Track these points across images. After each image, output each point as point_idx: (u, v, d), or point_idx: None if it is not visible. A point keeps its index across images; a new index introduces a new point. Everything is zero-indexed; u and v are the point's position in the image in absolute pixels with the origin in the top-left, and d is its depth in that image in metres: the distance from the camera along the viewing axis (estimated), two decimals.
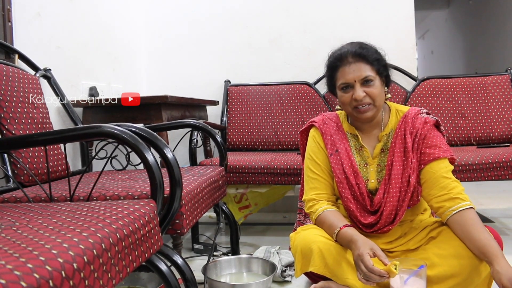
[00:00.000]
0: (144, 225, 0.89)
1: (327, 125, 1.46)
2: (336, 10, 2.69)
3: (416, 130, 1.34)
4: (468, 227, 1.21)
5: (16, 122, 1.45)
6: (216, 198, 1.59)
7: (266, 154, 2.28)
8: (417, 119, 1.36)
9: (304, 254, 1.32)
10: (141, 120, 2.00)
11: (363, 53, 1.33)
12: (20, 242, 0.65)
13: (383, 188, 1.34)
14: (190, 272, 1.19)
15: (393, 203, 1.32)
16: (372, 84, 1.32)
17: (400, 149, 1.34)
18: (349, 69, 1.33)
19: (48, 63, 1.86)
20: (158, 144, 1.06)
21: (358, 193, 1.36)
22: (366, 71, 1.32)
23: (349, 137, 1.44)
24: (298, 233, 1.39)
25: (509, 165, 1.81)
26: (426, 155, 1.31)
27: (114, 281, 0.74)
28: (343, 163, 1.38)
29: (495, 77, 2.45)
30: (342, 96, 1.36)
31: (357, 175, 1.37)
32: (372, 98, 1.32)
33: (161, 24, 2.85)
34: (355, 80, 1.31)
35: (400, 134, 1.36)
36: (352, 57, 1.33)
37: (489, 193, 3.26)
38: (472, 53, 6.47)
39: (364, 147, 1.41)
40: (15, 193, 1.25)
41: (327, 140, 1.43)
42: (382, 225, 1.33)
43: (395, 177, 1.33)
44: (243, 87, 2.66)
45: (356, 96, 1.31)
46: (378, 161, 1.39)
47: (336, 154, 1.40)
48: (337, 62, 1.36)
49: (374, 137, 1.42)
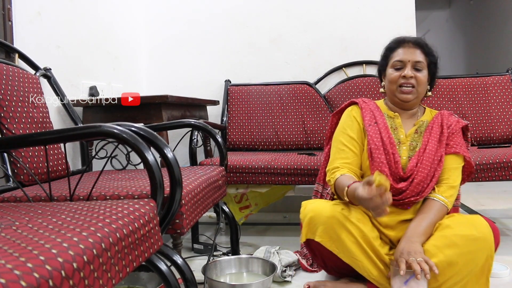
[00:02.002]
0: (144, 224, 0.89)
1: (366, 103, 1.57)
2: (336, 9, 2.69)
3: (450, 124, 1.49)
4: (421, 211, 1.39)
5: (16, 122, 1.45)
6: (216, 198, 1.59)
7: (266, 154, 2.28)
8: (452, 117, 1.52)
9: (312, 221, 1.39)
10: (141, 120, 2.00)
11: (423, 43, 1.50)
12: (20, 241, 0.65)
13: (417, 159, 1.43)
14: (190, 272, 1.19)
15: (424, 173, 1.40)
16: (421, 72, 1.46)
17: (436, 133, 1.47)
18: (407, 50, 1.48)
19: (48, 63, 1.86)
20: (158, 143, 1.06)
21: (393, 161, 1.43)
22: (420, 57, 1.47)
23: (386, 118, 1.53)
24: (310, 203, 1.46)
25: (510, 165, 1.81)
26: (449, 146, 1.46)
27: (114, 281, 0.73)
28: (382, 133, 1.47)
29: (496, 78, 2.45)
30: (391, 74, 1.49)
31: (393, 146, 1.46)
32: (418, 82, 1.45)
33: (162, 24, 2.85)
34: (409, 60, 1.46)
35: (437, 122, 1.50)
36: (413, 43, 1.50)
37: (490, 194, 3.25)
38: (473, 54, 6.47)
39: (400, 127, 1.50)
40: (15, 193, 1.25)
41: (366, 113, 1.53)
42: (410, 193, 1.39)
43: (429, 152, 1.43)
44: (243, 87, 2.66)
45: (406, 73, 1.44)
46: (411, 140, 1.48)
47: (375, 125, 1.49)
48: (397, 44, 1.53)
49: (409, 122, 1.53)
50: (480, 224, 1.29)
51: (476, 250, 1.25)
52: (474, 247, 1.25)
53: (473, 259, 1.25)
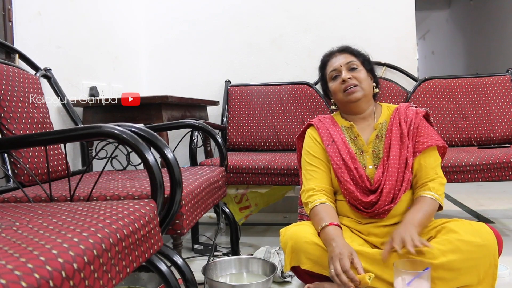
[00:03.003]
0: (144, 225, 0.89)
1: (322, 122, 1.57)
2: (336, 10, 2.69)
3: (410, 119, 1.46)
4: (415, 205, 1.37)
5: (16, 122, 1.45)
6: (216, 199, 1.59)
7: (266, 154, 2.28)
8: (409, 110, 1.49)
9: (294, 249, 1.36)
10: (142, 120, 2.00)
11: (347, 48, 1.56)
12: (20, 242, 0.65)
13: (382, 168, 1.42)
14: (190, 273, 1.19)
15: (392, 181, 1.39)
16: (357, 70, 1.49)
17: (397, 134, 1.45)
18: (336, 58, 1.53)
19: (49, 63, 1.86)
20: (159, 144, 1.06)
21: (357, 176, 1.42)
22: (350, 58, 1.51)
23: (343, 130, 1.53)
24: (288, 229, 1.43)
25: (510, 165, 1.81)
26: (420, 143, 1.43)
27: (114, 281, 0.73)
28: (340, 150, 1.46)
29: (496, 78, 2.45)
30: (332, 85, 1.52)
31: (355, 160, 1.45)
32: (358, 80, 1.47)
33: (162, 24, 2.85)
34: (341, 65, 1.49)
35: (395, 122, 1.47)
36: (338, 51, 1.56)
37: (490, 194, 3.25)
38: (473, 54, 6.47)
39: (359, 136, 1.49)
40: (15, 193, 1.25)
41: (323, 133, 1.52)
42: (382, 203, 1.38)
43: (393, 158, 1.41)
44: (243, 87, 2.66)
45: (344, 76, 1.47)
46: (373, 147, 1.47)
47: (333, 144, 1.49)
48: (326, 58, 1.58)
49: (368, 127, 1.52)
50: (485, 232, 1.26)
51: (479, 257, 1.23)
52: (478, 254, 1.22)
53: (475, 266, 1.22)
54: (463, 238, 1.24)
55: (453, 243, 1.24)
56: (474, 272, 1.23)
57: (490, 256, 1.24)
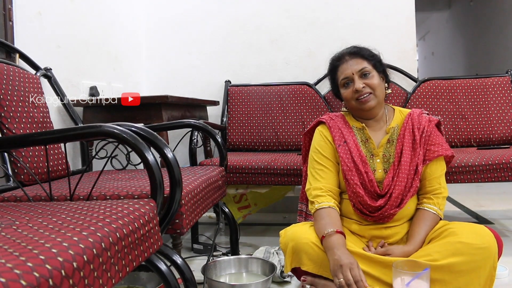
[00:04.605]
0: (144, 224, 0.89)
1: (334, 120, 1.54)
2: (336, 10, 2.69)
3: (423, 127, 1.45)
4: (416, 220, 1.41)
5: (16, 122, 1.45)
6: (216, 198, 1.59)
7: (266, 154, 2.28)
8: (422, 117, 1.48)
9: (295, 250, 1.35)
10: (142, 120, 2.00)
11: (358, 51, 1.49)
12: (20, 241, 0.65)
13: (392, 173, 1.42)
14: (189, 272, 1.19)
15: (401, 187, 1.39)
16: (370, 76, 1.44)
17: (409, 141, 1.44)
18: (347, 65, 1.47)
19: (49, 63, 1.86)
20: (158, 144, 1.06)
21: (367, 180, 1.41)
22: (362, 64, 1.45)
23: (355, 131, 1.51)
24: (288, 230, 1.42)
25: (509, 166, 1.81)
26: (431, 152, 1.43)
27: (113, 280, 0.74)
28: (352, 152, 1.45)
29: (496, 79, 2.45)
30: (344, 92, 1.48)
31: (366, 164, 1.43)
32: (372, 88, 1.43)
33: (162, 24, 2.85)
34: (353, 73, 1.44)
35: (408, 128, 1.46)
36: (349, 55, 1.49)
37: (489, 195, 3.26)
38: (473, 55, 6.48)
39: (370, 139, 1.48)
40: (15, 192, 1.25)
41: (335, 132, 1.50)
42: (389, 207, 1.38)
43: (404, 164, 1.41)
44: (243, 87, 2.66)
45: (356, 87, 1.42)
46: (384, 151, 1.46)
47: (345, 145, 1.47)
48: (336, 62, 1.52)
49: (380, 131, 1.50)
50: (486, 234, 1.26)
51: (480, 259, 1.22)
52: (479, 256, 1.22)
53: (476, 269, 1.22)
54: (464, 241, 1.24)
55: (454, 246, 1.24)
56: (474, 275, 1.22)
57: (490, 259, 1.23)
